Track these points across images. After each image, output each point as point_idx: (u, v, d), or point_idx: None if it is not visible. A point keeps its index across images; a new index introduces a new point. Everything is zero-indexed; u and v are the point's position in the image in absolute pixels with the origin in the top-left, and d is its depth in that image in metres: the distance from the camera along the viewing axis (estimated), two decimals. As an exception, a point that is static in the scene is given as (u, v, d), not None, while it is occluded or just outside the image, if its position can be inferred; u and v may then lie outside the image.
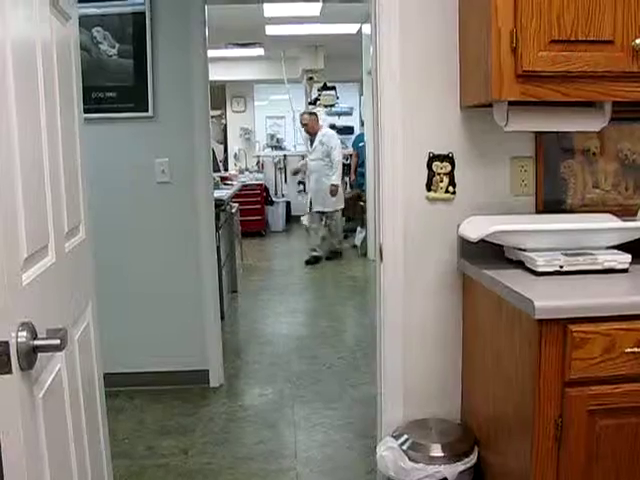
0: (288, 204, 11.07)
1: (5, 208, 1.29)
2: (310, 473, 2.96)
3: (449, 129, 2.24)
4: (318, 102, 9.11)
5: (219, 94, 10.91)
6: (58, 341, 1.35)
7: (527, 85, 1.89)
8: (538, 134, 2.26)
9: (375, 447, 2.33)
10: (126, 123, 3.70)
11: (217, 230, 5.12)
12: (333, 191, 7.43)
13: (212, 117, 11.59)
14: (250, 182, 9.99)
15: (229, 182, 7.45)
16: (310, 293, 6.83)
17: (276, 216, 10.71)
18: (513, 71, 1.87)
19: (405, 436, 2.25)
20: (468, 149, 2.25)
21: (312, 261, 7.76)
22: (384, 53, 2.20)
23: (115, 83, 3.64)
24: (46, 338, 1.36)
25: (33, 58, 1.55)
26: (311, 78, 8.84)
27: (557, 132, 2.23)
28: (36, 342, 1.33)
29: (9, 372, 1.27)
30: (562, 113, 2.07)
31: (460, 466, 2.14)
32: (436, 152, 2.24)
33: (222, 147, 11.35)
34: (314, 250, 7.85)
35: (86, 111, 3.55)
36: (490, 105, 2.09)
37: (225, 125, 11.59)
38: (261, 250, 9.18)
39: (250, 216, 9.44)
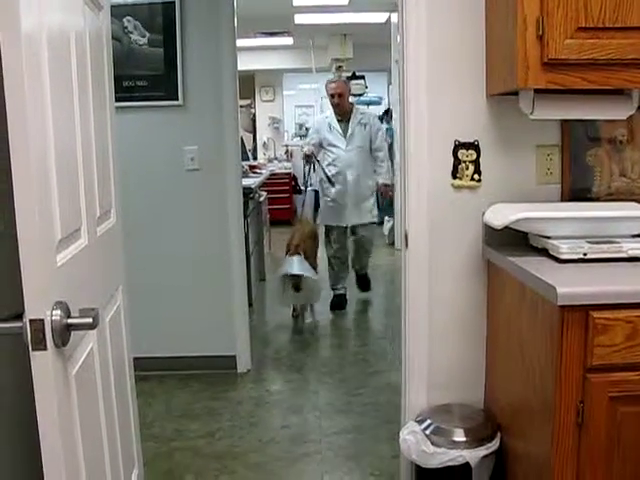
0: (316, 193, 11.09)
1: (40, 191, 1.34)
2: (334, 457, 3.01)
3: (475, 117, 2.25)
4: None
5: (248, 83, 10.95)
6: (91, 320, 1.41)
7: (553, 73, 1.89)
8: (564, 122, 2.26)
9: (399, 432, 2.35)
10: (156, 111, 3.77)
11: (245, 218, 5.18)
12: (385, 192, 5.61)
13: (241, 106, 11.66)
14: (279, 171, 10.03)
15: (258, 171, 7.49)
16: (337, 281, 6.86)
17: (304, 205, 10.73)
18: (539, 59, 1.87)
19: (428, 421, 2.27)
20: (494, 137, 2.26)
21: (341, 303, 5.57)
22: (411, 41, 2.21)
23: (145, 72, 3.70)
24: (79, 317, 1.41)
25: (67, 47, 1.60)
26: (340, 67, 8.81)
27: (584, 120, 2.22)
28: (70, 320, 1.39)
29: (44, 349, 1.32)
30: (589, 101, 2.07)
31: (482, 451, 2.16)
32: (462, 140, 2.25)
33: (251, 136, 11.40)
34: (337, 287, 5.63)
35: (117, 100, 3.62)
36: (516, 93, 2.10)
37: (254, 114, 11.64)
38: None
39: (278, 205, 9.49)
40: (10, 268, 1.31)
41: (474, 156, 2.26)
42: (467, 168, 2.26)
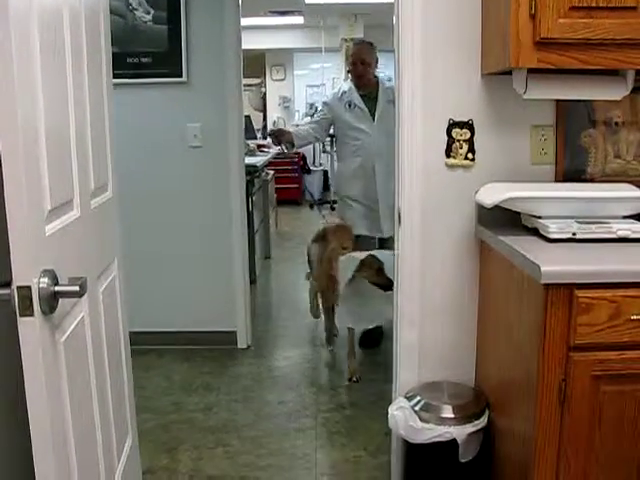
0: (325, 173, 11.10)
1: (28, 163, 1.36)
2: (328, 433, 3.05)
3: (470, 96, 2.25)
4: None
5: (259, 62, 10.93)
6: (77, 288, 1.44)
7: (545, 52, 1.89)
8: (559, 103, 2.26)
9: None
10: (160, 88, 3.79)
11: (250, 196, 5.21)
12: None
13: (251, 85, 11.67)
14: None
15: (265, 150, 7.49)
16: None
17: (313, 185, 10.75)
18: (531, 38, 1.87)
19: (418, 397, 2.30)
20: (488, 116, 2.26)
21: (373, 337, 4.15)
22: (406, 19, 2.21)
23: (150, 49, 3.72)
24: (66, 285, 1.45)
25: (60, 21, 1.62)
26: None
27: (578, 101, 2.22)
28: (57, 288, 1.42)
29: (31, 315, 1.36)
30: (583, 81, 2.06)
31: (469, 428, 2.19)
32: (456, 119, 2.26)
33: (261, 115, 11.40)
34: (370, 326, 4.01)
35: (122, 76, 3.67)
36: (511, 72, 2.10)
37: (264, 93, 11.62)
38: (297, 218, 9.24)
39: (287, 184, 9.50)
40: (0, 237, 1.34)
41: (468, 135, 2.26)
42: (461, 147, 2.27)
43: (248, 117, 8.75)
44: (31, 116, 1.38)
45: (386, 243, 3.97)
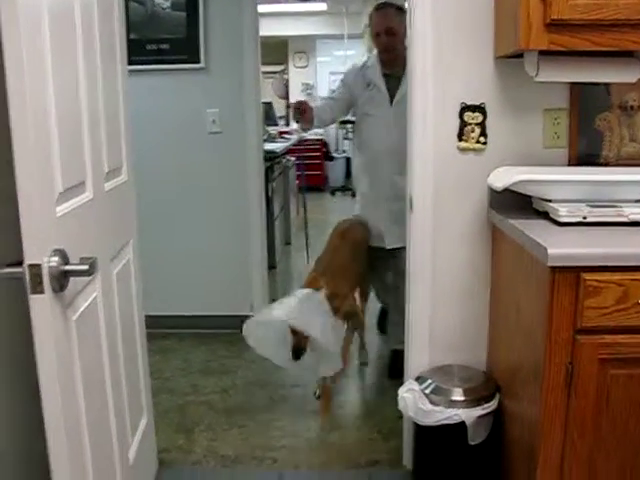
0: (348, 160, 11.10)
1: (40, 147, 1.40)
2: (343, 416, 3.08)
3: (482, 79, 2.24)
4: (379, 58, 8.99)
5: (281, 49, 10.93)
6: (87, 267, 1.47)
7: (556, 34, 1.88)
8: (573, 86, 2.24)
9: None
10: (179, 74, 3.82)
11: (270, 182, 5.24)
12: None
13: (274, 72, 11.67)
14: (310, 137, 10.01)
15: (287, 136, 7.50)
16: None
17: (335, 172, 10.76)
18: (542, 20, 1.86)
19: (428, 380, 2.32)
20: (501, 100, 2.25)
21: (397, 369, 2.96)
22: (418, 1, 2.21)
23: (168, 35, 3.75)
24: (76, 264, 1.48)
25: (70, 5, 1.65)
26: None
27: (593, 83, 2.20)
28: (67, 267, 1.46)
29: (42, 292, 1.40)
30: (596, 64, 2.05)
31: (479, 411, 2.20)
32: (468, 102, 2.25)
33: (284, 102, 11.40)
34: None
35: (141, 62, 3.71)
36: (523, 55, 2.09)
37: (287, 81, 11.63)
38: (319, 205, 9.25)
39: (309, 171, 9.50)
40: (15, 218, 1.38)
41: (480, 119, 2.26)
42: (473, 131, 2.27)
43: (269, 104, 8.78)
44: (41, 98, 1.41)
45: (398, 253, 3.24)
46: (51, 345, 1.45)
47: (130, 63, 2.37)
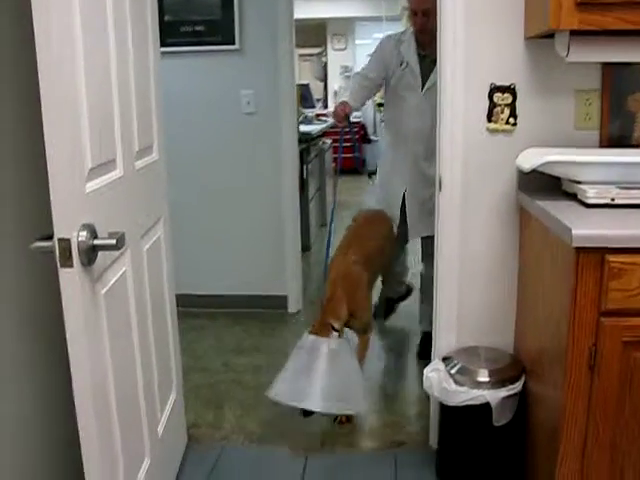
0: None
1: (70, 125, 1.45)
2: (371, 396, 3.10)
3: (512, 60, 2.22)
4: (418, 39, 8.90)
5: (319, 32, 10.90)
6: (114, 241, 1.52)
7: (587, 13, 1.85)
8: (605, 66, 2.20)
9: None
10: (214, 56, 3.86)
11: (305, 164, 5.26)
12: None
13: (312, 55, 11.65)
14: (348, 120, 9.99)
15: (324, 118, 7.50)
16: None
17: (373, 155, 10.72)
18: (573, -1, 1.84)
19: (454, 360, 2.32)
20: (531, 81, 2.23)
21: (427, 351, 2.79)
22: (449, -18, 2.19)
23: (203, 17, 3.78)
24: (104, 238, 1.53)
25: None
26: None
27: (624, 63, 2.16)
28: (95, 241, 1.50)
29: (71, 266, 1.45)
30: (628, 43, 2.00)
31: (503, 392, 2.20)
32: (498, 83, 2.23)
33: (322, 85, 11.39)
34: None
35: (176, 44, 3.75)
36: (554, 35, 2.06)
37: (325, 63, 11.60)
38: (356, 187, 9.23)
39: (347, 153, 9.47)
40: (46, 193, 1.42)
41: (510, 100, 2.24)
42: (502, 112, 2.25)
43: (306, 86, 8.77)
44: (71, 75, 1.45)
45: (425, 243, 3.39)
46: (80, 318, 1.50)
47: (165, 45, 2.41)
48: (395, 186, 3.42)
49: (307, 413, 2.66)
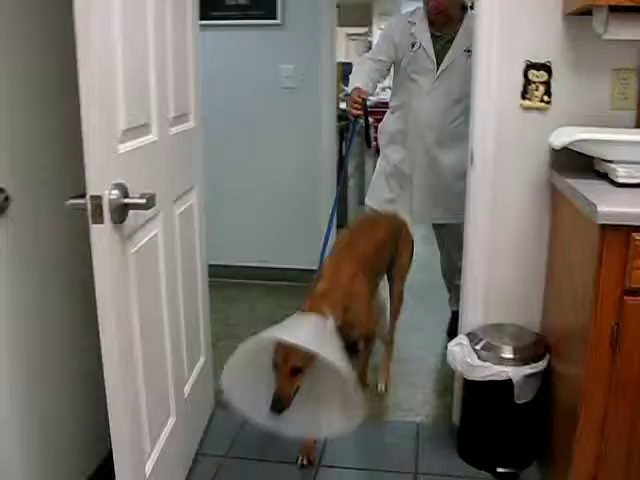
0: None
1: (105, 86, 1.50)
2: (402, 373, 3.13)
3: (548, 37, 2.19)
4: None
5: (365, 11, 10.84)
6: (144, 200, 1.57)
7: (626, -12, 1.83)
8: (644, 44, 2.17)
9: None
10: (256, 29, 3.90)
11: (345, 141, 5.26)
12: None
13: (357, 34, 11.59)
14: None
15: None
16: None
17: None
18: (612, -28, 1.82)
19: (479, 336, 2.33)
20: (567, 58, 2.20)
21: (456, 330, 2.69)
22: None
23: (247, -9, 3.82)
24: (135, 197, 1.58)
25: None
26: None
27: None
28: (126, 200, 1.56)
29: (102, 222, 1.51)
30: (669, 21, 1.98)
31: (526, 369, 2.21)
32: (533, 60, 2.22)
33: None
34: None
35: (220, 18, 3.80)
36: (592, 12, 2.04)
37: (370, 43, 11.53)
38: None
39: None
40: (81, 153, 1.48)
41: (545, 77, 2.22)
42: (537, 89, 2.23)
43: (350, 64, 8.73)
44: (108, 40, 1.50)
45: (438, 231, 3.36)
46: (108, 273, 1.55)
47: (210, 18, 2.44)
48: (407, 179, 3.22)
49: (280, 405, 2.03)
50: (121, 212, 1.55)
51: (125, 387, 1.67)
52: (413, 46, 3.03)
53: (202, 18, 2.38)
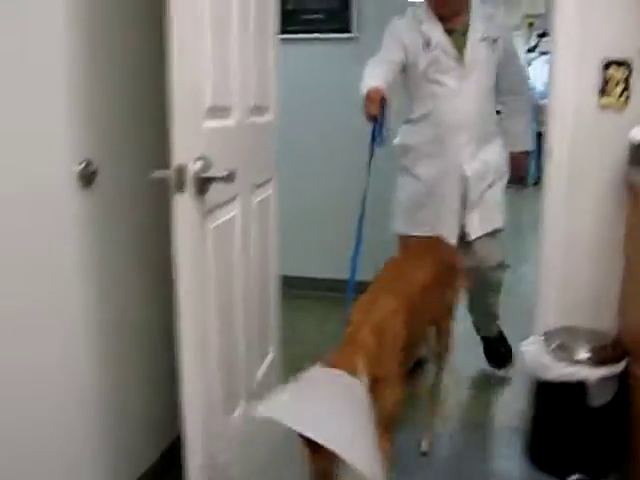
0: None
1: (194, 63, 1.57)
2: (462, 368, 3.10)
3: (629, 33, 2.17)
4: (537, 49, 8.77)
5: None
6: (226, 173, 1.63)
7: None
8: None
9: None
10: (331, 43, 3.97)
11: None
12: (519, 165, 2.96)
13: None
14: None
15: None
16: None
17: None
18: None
19: (553, 337, 2.29)
20: (647, 55, 2.18)
21: (498, 354, 3.14)
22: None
23: (322, 6, 3.92)
24: (217, 170, 1.63)
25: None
26: (531, 24, 8.49)
27: None
28: (208, 173, 1.61)
29: (184, 192, 1.56)
30: None
31: (601, 372, 2.14)
32: (612, 57, 2.20)
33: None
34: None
35: (297, 32, 3.90)
36: (675, 6, 2.02)
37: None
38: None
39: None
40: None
41: (625, 74, 2.20)
42: (616, 86, 2.21)
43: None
44: (197, 22, 1.58)
45: (472, 243, 2.84)
46: (188, 244, 1.61)
47: (286, 32, 2.51)
48: (452, 195, 2.80)
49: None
50: (203, 184, 1.61)
51: (198, 365, 1.71)
52: (428, 45, 2.70)
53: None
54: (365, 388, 1.65)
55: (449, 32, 2.70)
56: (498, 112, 2.92)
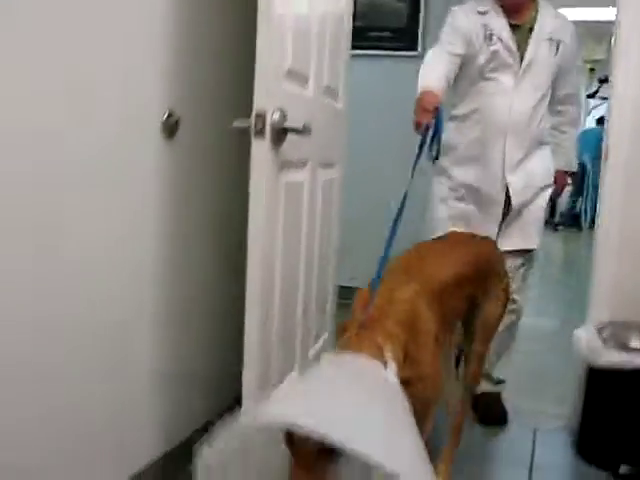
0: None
1: (280, 22, 1.71)
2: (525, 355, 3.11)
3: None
4: (597, 95, 8.78)
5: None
6: (302, 126, 1.73)
7: None
8: None
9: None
10: (398, 60, 4.11)
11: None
12: (561, 185, 2.83)
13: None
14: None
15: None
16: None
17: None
18: None
19: (607, 327, 2.30)
20: None
21: (496, 411, 2.72)
22: None
23: (389, 24, 4.09)
24: (293, 122, 1.74)
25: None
26: (592, 69, 8.52)
27: None
28: (285, 124, 1.72)
29: (263, 138, 1.68)
30: None
31: (657, 359, 2.15)
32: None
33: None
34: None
35: (365, 48, 4.06)
36: None
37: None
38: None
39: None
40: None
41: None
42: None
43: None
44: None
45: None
46: (263, 192, 1.70)
47: (354, 48, 2.65)
48: (493, 201, 2.62)
49: None
50: (279, 134, 1.72)
51: (261, 324, 1.77)
52: (491, 39, 2.52)
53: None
54: (394, 372, 1.38)
55: (513, 27, 2.54)
56: None
